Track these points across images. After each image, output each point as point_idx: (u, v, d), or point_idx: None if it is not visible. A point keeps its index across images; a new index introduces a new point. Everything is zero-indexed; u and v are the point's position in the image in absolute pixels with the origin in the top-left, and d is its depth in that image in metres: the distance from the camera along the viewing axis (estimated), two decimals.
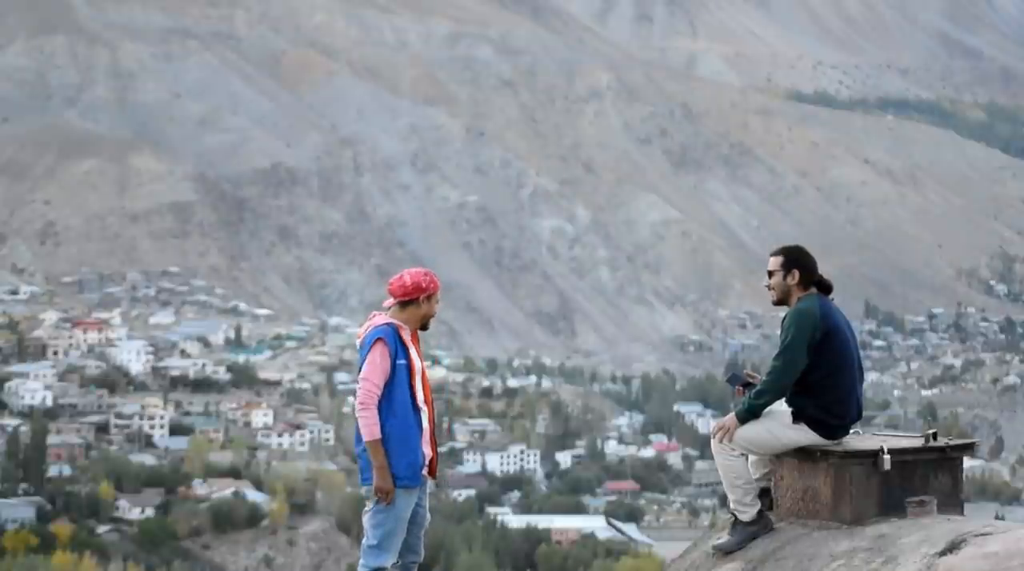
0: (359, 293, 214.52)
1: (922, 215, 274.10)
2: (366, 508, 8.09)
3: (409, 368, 7.96)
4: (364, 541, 8.06)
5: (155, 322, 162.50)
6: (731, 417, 8.11)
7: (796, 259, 8.20)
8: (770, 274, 8.24)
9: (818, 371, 8.00)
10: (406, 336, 8.01)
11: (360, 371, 7.96)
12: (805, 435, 8.06)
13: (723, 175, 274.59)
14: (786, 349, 7.96)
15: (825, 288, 8.21)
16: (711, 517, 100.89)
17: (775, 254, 8.27)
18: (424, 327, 8.14)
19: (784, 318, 8.12)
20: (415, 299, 8.04)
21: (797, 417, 8.07)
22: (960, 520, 7.77)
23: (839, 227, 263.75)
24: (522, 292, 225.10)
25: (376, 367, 7.88)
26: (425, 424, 8.07)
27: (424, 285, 8.04)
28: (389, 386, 7.91)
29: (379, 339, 7.93)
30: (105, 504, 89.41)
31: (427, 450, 8.11)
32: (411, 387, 7.96)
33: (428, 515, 8.33)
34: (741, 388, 8.29)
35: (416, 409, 7.98)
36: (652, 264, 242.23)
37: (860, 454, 7.92)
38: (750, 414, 8.04)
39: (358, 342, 8.10)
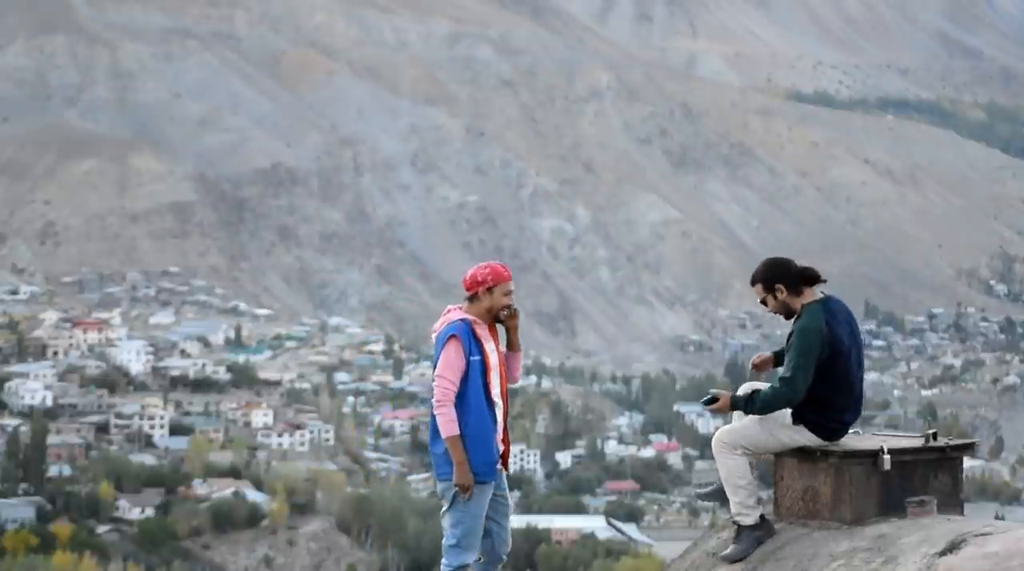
0: (359, 293, 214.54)
1: (922, 215, 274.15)
2: (443, 508, 8.11)
3: (483, 364, 7.98)
4: (444, 540, 8.09)
5: (155, 322, 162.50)
6: (725, 397, 8.01)
7: (773, 276, 8.11)
8: (763, 302, 8.18)
9: (823, 384, 7.96)
10: (480, 331, 8.03)
11: (435, 368, 8.00)
12: (804, 436, 8.06)
13: (723, 175, 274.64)
14: (796, 369, 7.85)
15: (813, 279, 8.14)
16: (711, 517, 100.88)
17: (753, 284, 8.15)
18: (497, 320, 8.12)
19: (791, 334, 8.02)
20: (476, 293, 8.07)
21: (797, 419, 8.06)
22: (960, 520, 7.77)
23: (839, 227, 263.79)
24: (522, 292, 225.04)
25: (451, 364, 7.91)
26: (499, 418, 8.09)
27: (481, 278, 8.06)
28: (464, 383, 7.95)
29: (452, 336, 7.96)
30: (105, 504, 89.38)
31: (500, 446, 8.13)
32: (485, 383, 7.99)
33: (510, 503, 8.35)
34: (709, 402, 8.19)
35: (491, 405, 8.02)
36: (652, 264, 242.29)
37: (860, 454, 7.91)
38: (746, 410, 8.02)
39: (433, 337, 8.15)
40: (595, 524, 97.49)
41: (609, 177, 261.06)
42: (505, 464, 8.18)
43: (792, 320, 8.10)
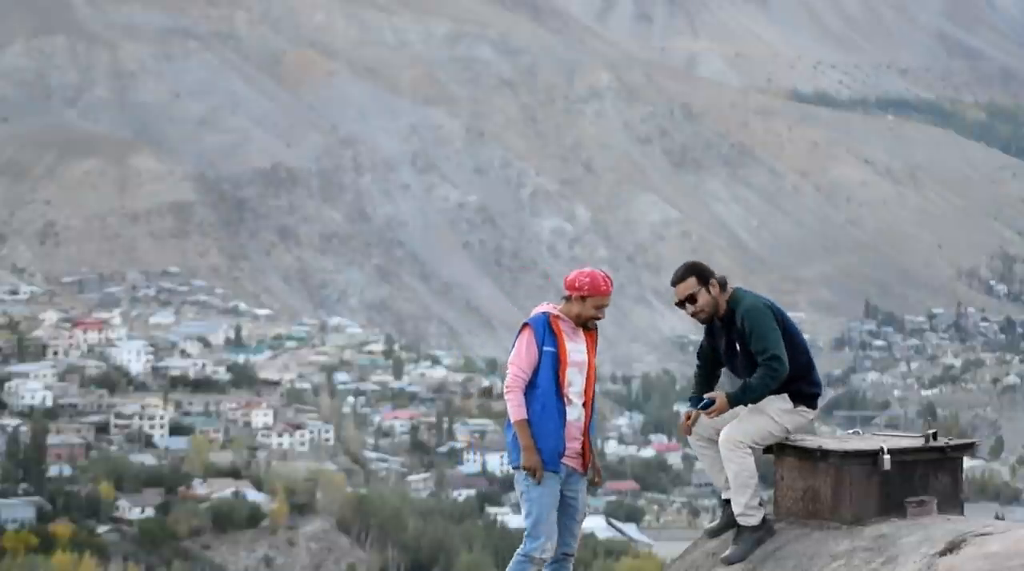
0: (359, 293, 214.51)
1: (922, 215, 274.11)
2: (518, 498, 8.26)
3: (557, 357, 8.04)
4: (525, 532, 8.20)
5: (155, 322, 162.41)
6: (721, 397, 8.06)
7: (704, 271, 8.28)
8: (691, 299, 8.21)
9: (794, 351, 8.06)
10: (563, 327, 8.12)
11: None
12: (805, 416, 8.15)
13: (723, 175, 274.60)
14: (775, 345, 7.96)
15: (725, 284, 8.30)
16: (711, 517, 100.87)
17: (683, 279, 8.23)
18: (585, 327, 8.22)
19: (741, 321, 8.07)
20: (571, 296, 8.18)
21: (797, 400, 8.11)
22: (960, 520, 7.77)
23: (839, 227, 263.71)
24: (522, 292, 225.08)
25: (520, 353, 8.04)
26: (573, 417, 8.09)
27: (579, 285, 8.16)
28: (534, 373, 8.04)
29: (526, 325, 8.11)
30: (105, 504, 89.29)
31: (574, 444, 8.14)
32: (557, 377, 8.05)
33: (583, 508, 8.39)
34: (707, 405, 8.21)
35: (560, 398, 8.05)
36: (652, 264, 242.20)
37: (860, 454, 7.91)
38: (740, 402, 8.05)
39: None
40: (595, 524, 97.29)
41: (609, 177, 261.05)
42: (585, 468, 8.24)
43: (715, 324, 8.23)
